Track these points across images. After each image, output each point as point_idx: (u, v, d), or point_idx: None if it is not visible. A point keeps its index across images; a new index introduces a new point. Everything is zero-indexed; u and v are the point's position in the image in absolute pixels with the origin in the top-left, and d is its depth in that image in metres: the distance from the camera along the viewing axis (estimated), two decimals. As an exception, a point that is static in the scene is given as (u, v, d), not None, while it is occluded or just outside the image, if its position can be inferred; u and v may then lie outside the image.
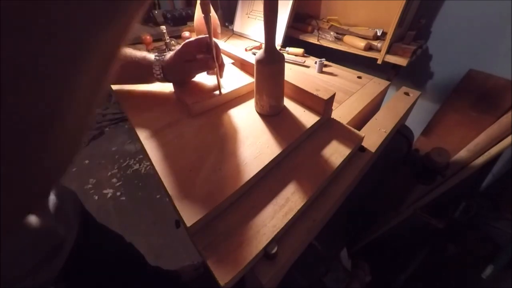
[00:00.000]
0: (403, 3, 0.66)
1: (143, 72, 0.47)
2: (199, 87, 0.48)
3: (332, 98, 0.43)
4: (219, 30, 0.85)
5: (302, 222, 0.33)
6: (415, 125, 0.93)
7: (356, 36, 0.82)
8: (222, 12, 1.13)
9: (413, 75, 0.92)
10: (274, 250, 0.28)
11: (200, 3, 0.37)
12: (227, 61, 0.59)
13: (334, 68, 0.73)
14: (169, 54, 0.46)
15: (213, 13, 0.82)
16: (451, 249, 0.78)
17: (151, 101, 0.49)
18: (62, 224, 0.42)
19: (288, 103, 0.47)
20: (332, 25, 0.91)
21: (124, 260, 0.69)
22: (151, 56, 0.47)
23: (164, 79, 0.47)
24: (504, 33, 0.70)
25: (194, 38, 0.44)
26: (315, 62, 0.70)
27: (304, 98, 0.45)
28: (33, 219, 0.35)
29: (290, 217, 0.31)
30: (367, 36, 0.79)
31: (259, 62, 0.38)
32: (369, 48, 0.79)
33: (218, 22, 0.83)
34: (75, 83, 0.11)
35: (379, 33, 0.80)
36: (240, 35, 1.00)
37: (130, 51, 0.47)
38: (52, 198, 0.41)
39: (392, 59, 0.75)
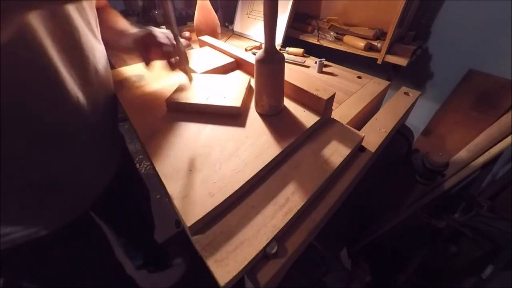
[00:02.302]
0: (403, 3, 0.66)
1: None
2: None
3: (332, 98, 0.43)
4: (219, 30, 0.85)
5: (302, 222, 0.33)
6: (415, 125, 0.93)
7: (356, 36, 0.82)
8: (222, 12, 1.13)
9: (413, 75, 0.92)
10: (274, 250, 0.28)
11: None
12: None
13: (334, 68, 0.73)
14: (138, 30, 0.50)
15: (213, 13, 0.82)
16: (451, 249, 0.78)
17: (151, 101, 0.49)
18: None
19: (288, 103, 0.47)
20: (332, 25, 0.91)
21: (143, 214, 0.82)
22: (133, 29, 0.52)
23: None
24: (504, 33, 0.70)
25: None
26: (315, 62, 0.70)
27: (304, 98, 0.45)
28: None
29: (290, 217, 0.31)
30: (367, 36, 0.79)
31: (259, 62, 0.38)
32: (369, 48, 0.79)
33: (218, 22, 0.83)
34: None
35: (379, 33, 0.80)
36: (240, 35, 1.00)
37: (121, 22, 0.53)
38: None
39: (392, 59, 0.75)
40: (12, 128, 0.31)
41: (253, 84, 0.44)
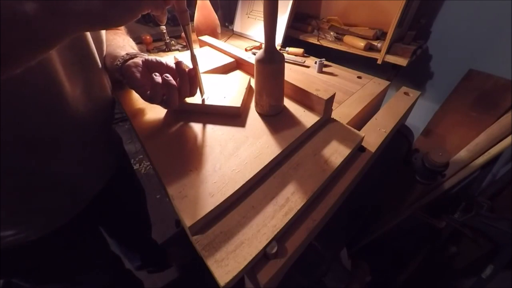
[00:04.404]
0: (403, 3, 0.66)
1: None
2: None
3: (332, 98, 0.43)
4: (219, 30, 0.85)
5: (302, 222, 0.33)
6: (415, 125, 0.93)
7: (356, 36, 0.82)
8: (222, 12, 1.13)
9: (413, 75, 0.92)
10: (274, 250, 0.28)
11: (177, 14, 0.34)
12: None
13: (334, 68, 0.73)
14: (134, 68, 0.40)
15: (213, 13, 0.82)
16: (451, 249, 0.78)
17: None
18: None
19: (288, 103, 0.47)
20: (332, 25, 0.91)
21: (139, 215, 0.81)
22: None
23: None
24: (504, 33, 0.70)
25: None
26: (315, 62, 0.70)
27: (304, 98, 0.45)
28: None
29: (290, 217, 0.31)
30: (367, 36, 0.79)
31: (259, 62, 0.38)
32: (369, 48, 0.79)
33: (218, 22, 0.83)
34: None
35: (379, 33, 0.80)
36: (240, 35, 1.00)
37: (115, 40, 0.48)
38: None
39: (392, 59, 0.75)
40: (7, 135, 0.30)
41: (253, 84, 0.44)
